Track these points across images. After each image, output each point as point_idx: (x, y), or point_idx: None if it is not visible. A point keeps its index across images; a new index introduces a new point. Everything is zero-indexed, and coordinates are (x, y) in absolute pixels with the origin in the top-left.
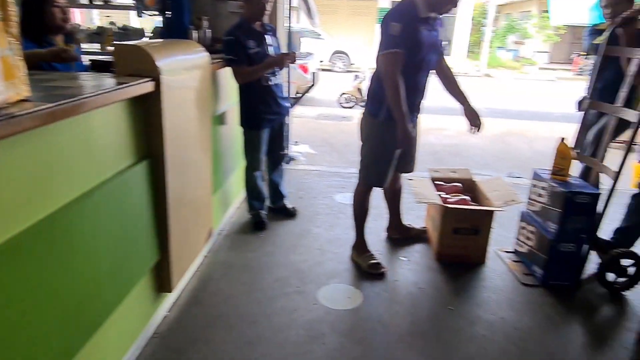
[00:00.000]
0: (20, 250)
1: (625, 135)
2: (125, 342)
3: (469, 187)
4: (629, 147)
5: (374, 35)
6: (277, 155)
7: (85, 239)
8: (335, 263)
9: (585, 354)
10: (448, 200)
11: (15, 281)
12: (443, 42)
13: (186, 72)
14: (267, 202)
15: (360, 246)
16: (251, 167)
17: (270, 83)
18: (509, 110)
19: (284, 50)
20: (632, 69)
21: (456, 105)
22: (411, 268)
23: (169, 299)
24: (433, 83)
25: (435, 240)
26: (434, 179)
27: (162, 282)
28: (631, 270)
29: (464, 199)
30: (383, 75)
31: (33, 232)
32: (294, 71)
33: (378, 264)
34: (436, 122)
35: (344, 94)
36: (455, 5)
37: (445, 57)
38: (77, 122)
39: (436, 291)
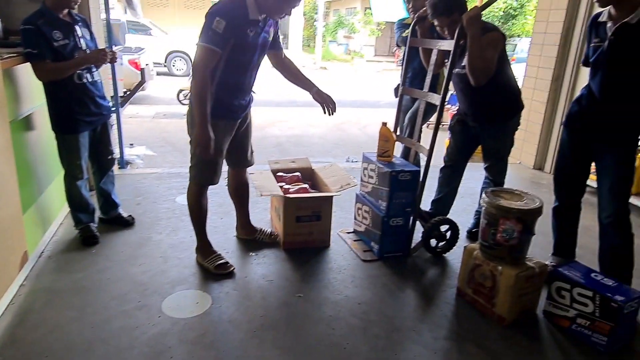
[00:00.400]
0: None
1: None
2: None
3: (309, 175)
4: (437, 127)
5: None
6: (104, 160)
7: None
8: (180, 269)
9: (418, 313)
10: (289, 190)
11: None
12: (280, 37)
13: None
14: (98, 213)
15: (203, 248)
16: (72, 176)
17: (85, 81)
18: (344, 100)
19: (100, 43)
20: (432, 59)
21: (298, 97)
22: (260, 262)
23: None
24: (274, 76)
25: (281, 230)
26: (274, 171)
27: None
28: (448, 234)
29: (304, 187)
30: (194, 67)
31: None
32: (121, 67)
33: (225, 263)
34: (279, 114)
35: (182, 90)
36: (289, 14)
37: (283, 50)
38: None
39: (285, 281)
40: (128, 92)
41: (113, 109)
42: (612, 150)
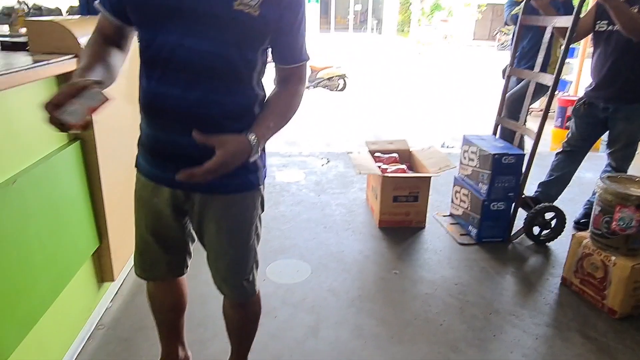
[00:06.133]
0: None
1: (543, 103)
2: (67, 335)
3: (406, 157)
4: (547, 109)
5: None
6: None
7: (13, 227)
8: (281, 240)
9: (518, 299)
10: (387, 170)
11: None
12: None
13: None
14: None
15: None
16: None
17: None
18: (440, 85)
19: None
20: (546, 37)
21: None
22: (356, 238)
23: (112, 288)
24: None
25: (377, 209)
26: (372, 151)
27: (103, 271)
28: (553, 223)
29: (402, 168)
30: None
31: None
32: None
33: None
34: (375, 95)
35: None
36: None
37: (304, 66)
38: None
39: (381, 257)
40: None
41: None
42: None
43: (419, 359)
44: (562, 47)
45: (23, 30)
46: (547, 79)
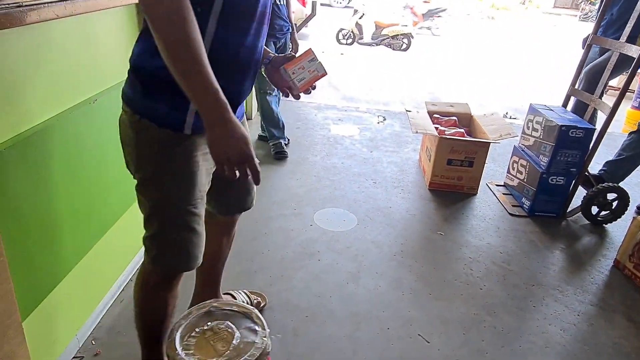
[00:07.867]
0: (31, 147)
1: (620, 81)
2: (131, 248)
3: (467, 122)
4: (625, 89)
5: None
6: None
7: (93, 141)
8: (331, 189)
9: (564, 275)
10: (444, 132)
11: (26, 176)
12: None
13: None
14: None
15: None
16: (263, 91)
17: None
18: (510, 53)
19: None
20: (638, 4)
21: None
22: (404, 197)
23: None
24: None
25: (429, 171)
26: (430, 112)
27: None
28: (615, 204)
29: (460, 132)
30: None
31: (42, 132)
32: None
33: None
34: (431, 60)
35: (342, 29)
36: None
37: None
38: (79, 24)
39: (427, 218)
40: (296, 25)
41: None
42: None
43: (455, 317)
44: None
45: None
46: (633, 51)
